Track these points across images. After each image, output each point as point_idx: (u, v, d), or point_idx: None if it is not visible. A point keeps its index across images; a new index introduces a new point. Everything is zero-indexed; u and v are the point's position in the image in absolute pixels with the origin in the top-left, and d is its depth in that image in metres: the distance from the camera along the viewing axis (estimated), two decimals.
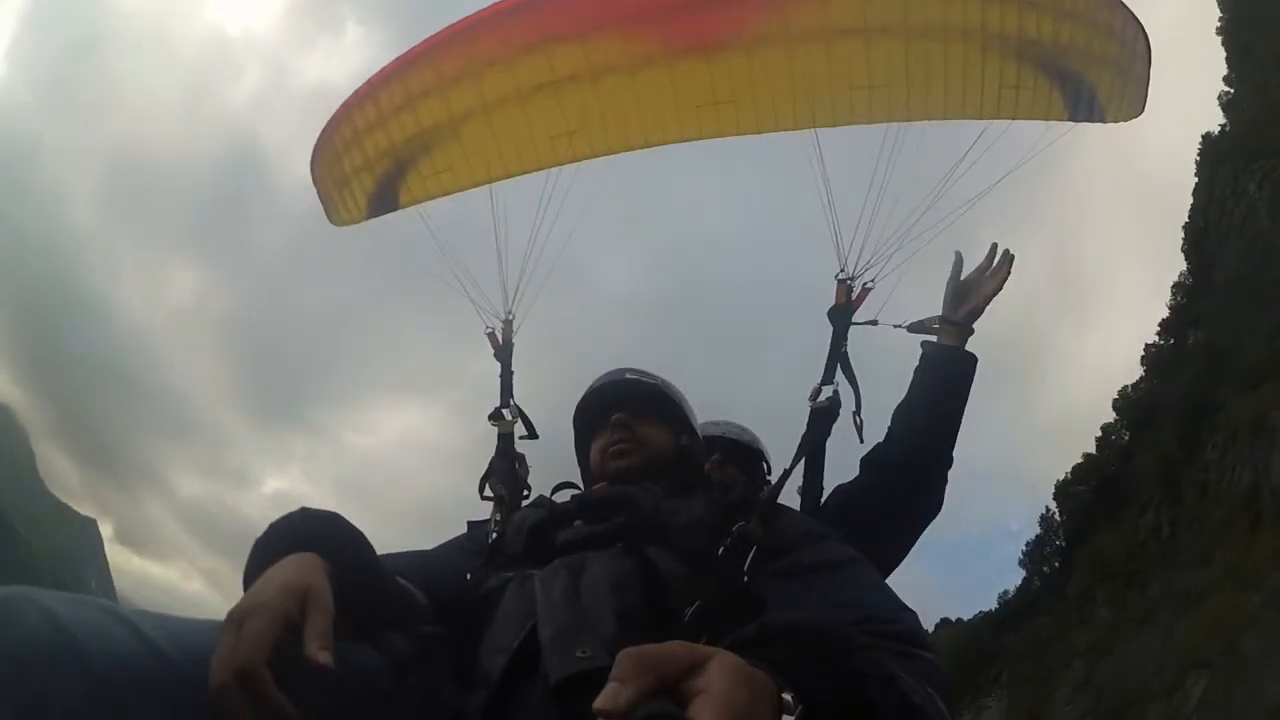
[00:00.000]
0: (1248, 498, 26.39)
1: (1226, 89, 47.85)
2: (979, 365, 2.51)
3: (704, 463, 2.39)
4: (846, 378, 2.36)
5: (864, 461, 2.45)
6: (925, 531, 2.50)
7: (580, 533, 1.78)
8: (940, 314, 2.56)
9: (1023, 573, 48.89)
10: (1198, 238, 46.41)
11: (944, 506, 2.49)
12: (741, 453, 2.87)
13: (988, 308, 2.55)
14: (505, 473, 2.44)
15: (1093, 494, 43.91)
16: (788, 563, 1.64)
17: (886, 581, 1.76)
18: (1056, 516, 47.94)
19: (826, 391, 2.30)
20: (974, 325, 2.55)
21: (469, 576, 1.74)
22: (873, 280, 2.47)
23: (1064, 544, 46.28)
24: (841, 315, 2.44)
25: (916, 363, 2.53)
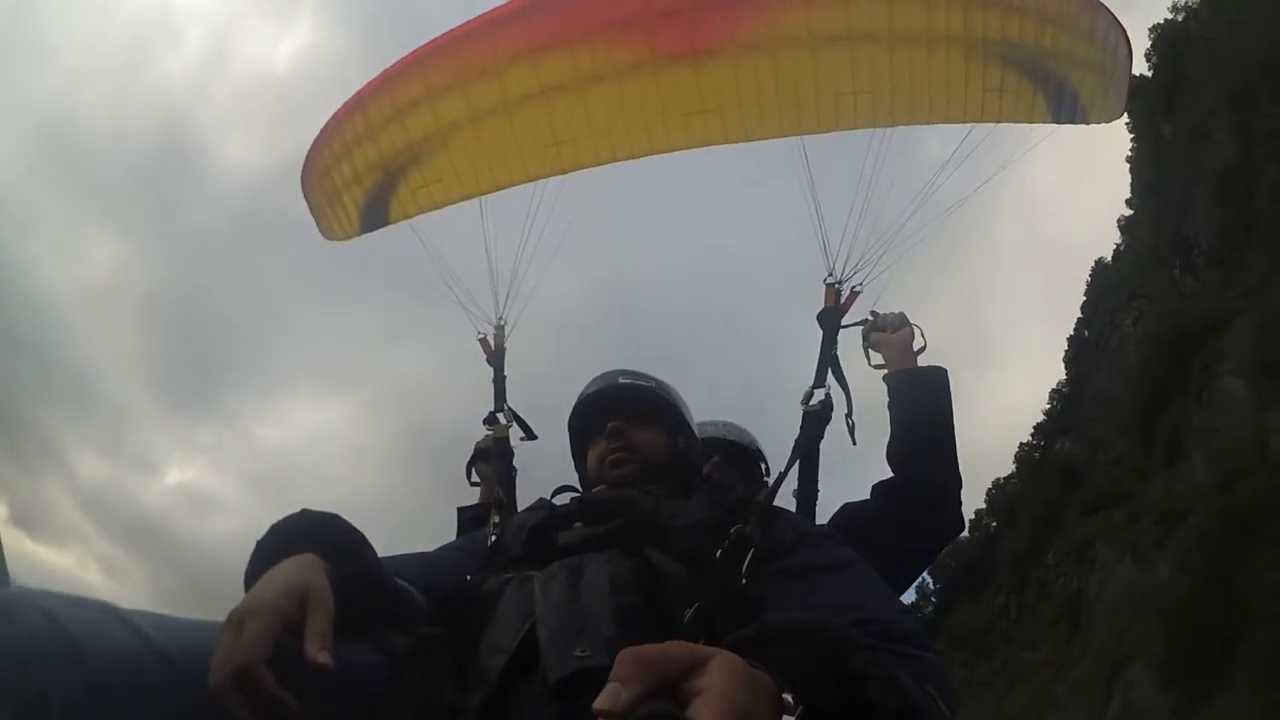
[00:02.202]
0: (1071, 604, 33.05)
1: (1127, 211, 51.04)
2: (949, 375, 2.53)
3: (702, 463, 2.38)
4: (837, 380, 2.36)
5: (877, 488, 2.45)
6: None
7: (580, 535, 1.78)
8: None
9: None
10: (1079, 350, 52.49)
11: None
12: (741, 455, 2.86)
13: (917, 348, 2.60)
14: (502, 476, 2.43)
15: (960, 571, 52.93)
16: (787, 564, 1.63)
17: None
18: (930, 585, 56.74)
19: (818, 394, 2.29)
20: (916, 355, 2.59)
21: (468, 578, 1.74)
22: (861, 284, 2.49)
23: (934, 610, 54.68)
24: (831, 318, 2.44)
25: (887, 398, 2.54)
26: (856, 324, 2.56)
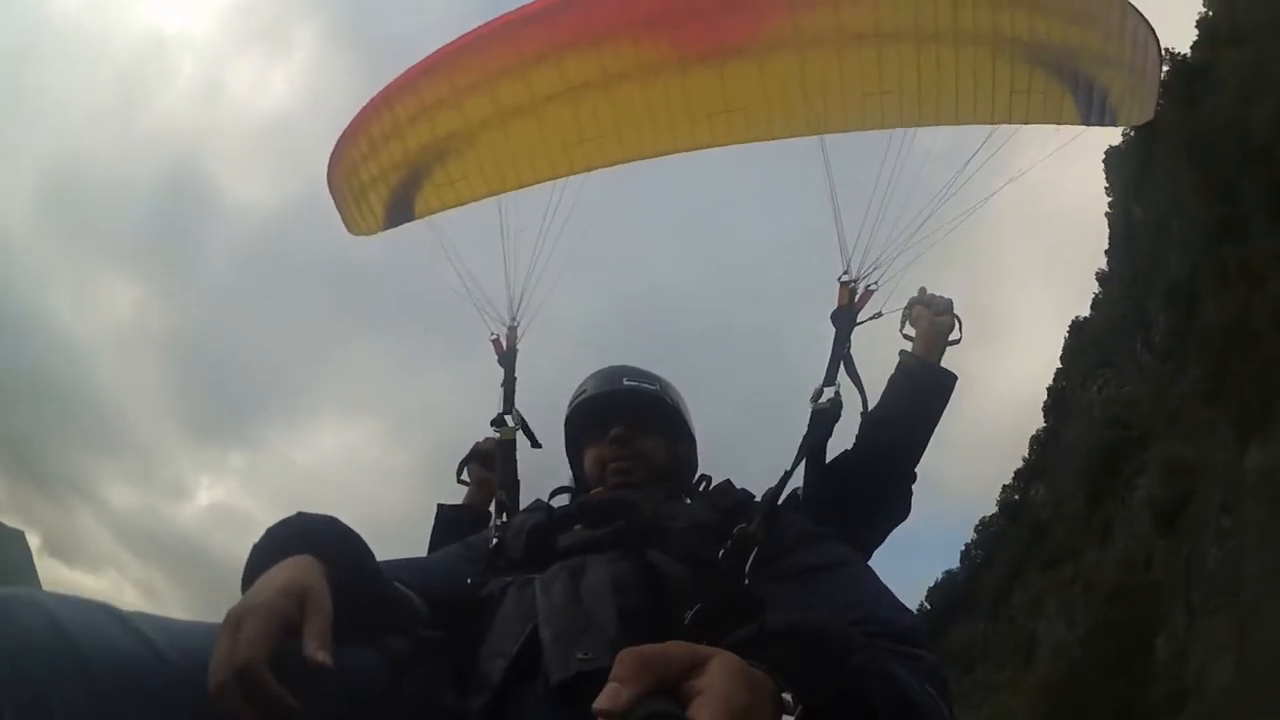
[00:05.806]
0: (1028, 640, 40.19)
1: (1105, 264, 52.35)
2: (957, 384, 2.48)
3: (697, 466, 2.37)
4: (851, 379, 2.34)
5: (826, 469, 2.38)
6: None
7: (580, 537, 1.78)
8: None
9: None
10: (1057, 399, 56.57)
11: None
12: None
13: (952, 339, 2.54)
14: (507, 478, 2.40)
15: (953, 598, 60.47)
16: (787, 564, 1.64)
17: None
18: (926, 607, 63.49)
19: (828, 393, 2.26)
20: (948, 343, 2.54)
21: (469, 581, 1.74)
22: (875, 283, 2.46)
23: (929, 629, 61.79)
24: (844, 317, 2.40)
25: (893, 371, 2.50)
26: (871, 319, 2.52)
